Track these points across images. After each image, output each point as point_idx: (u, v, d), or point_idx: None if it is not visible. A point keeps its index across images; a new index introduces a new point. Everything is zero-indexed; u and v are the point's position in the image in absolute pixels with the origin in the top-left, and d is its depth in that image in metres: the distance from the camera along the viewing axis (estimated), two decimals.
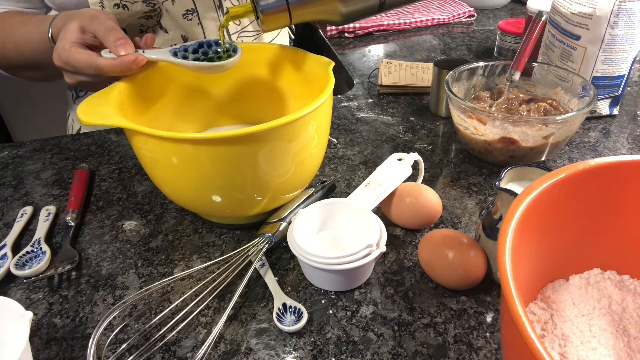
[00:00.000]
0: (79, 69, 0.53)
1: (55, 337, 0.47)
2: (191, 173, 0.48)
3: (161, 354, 0.44)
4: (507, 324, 0.32)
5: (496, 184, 0.47)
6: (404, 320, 0.47)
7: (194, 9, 0.71)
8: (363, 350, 0.44)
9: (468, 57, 1.06)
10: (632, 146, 0.73)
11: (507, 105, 0.71)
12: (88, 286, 0.52)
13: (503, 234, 0.33)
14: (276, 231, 0.53)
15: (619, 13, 0.68)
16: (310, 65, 0.59)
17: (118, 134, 0.79)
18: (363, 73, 0.98)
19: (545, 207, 0.37)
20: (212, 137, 0.46)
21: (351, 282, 0.50)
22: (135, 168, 0.70)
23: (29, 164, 0.72)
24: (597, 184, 0.40)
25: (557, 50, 0.77)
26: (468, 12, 1.25)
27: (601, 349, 0.38)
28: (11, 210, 0.63)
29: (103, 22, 0.53)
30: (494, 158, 0.67)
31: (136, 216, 0.61)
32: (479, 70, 0.75)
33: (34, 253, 0.55)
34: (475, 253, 0.48)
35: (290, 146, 0.49)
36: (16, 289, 0.52)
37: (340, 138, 0.76)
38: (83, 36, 0.54)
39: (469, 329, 0.46)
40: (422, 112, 0.83)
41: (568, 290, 0.43)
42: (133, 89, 0.55)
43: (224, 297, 0.50)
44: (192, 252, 0.56)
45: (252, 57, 0.63)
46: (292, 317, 0.46)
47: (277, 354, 0.44)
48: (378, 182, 0.56)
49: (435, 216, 0.56)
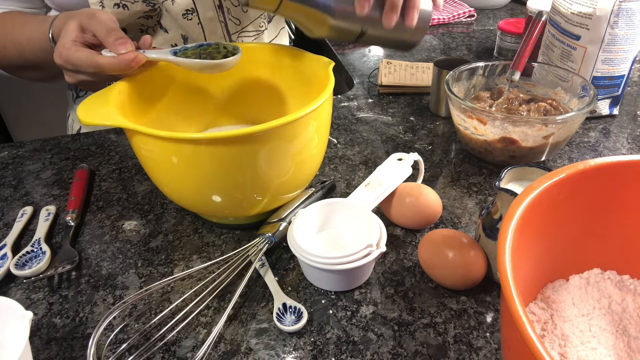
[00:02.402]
0: (79, 68, 0.53)
1: (55, 337, 0.47)
2: (191, 173, 0.48)
3: (161, 354, 0.44)
4: (507, 324, 0.32)
5: (496, 184, 0.47)
6: (404, 320, 0.47)
7: (193, 9, 0.71)
8: (363, 350, 0.44)
9: (468, 57, 1.06)
10: (632, 146, 0.73)
11: (507, 105, 0.71)
12: (88, 286, 0.52)
13: (503, 234, 0.33)
14: (276, 231, 0.53)
15: (619, 13, 0.68)
16: (310, 65, 0.59)
17: (118, 134, 0.79)
18: (363, 73, 0.98)
19: (545, 207, 0.37)
20: (212, 137, 0.46)
21: (351, 282, 0.50)
22: (135, 168, 0.70)
23: (29, 164, 0.72)
24: (597, 184, 0.40)
25: (557, 50, 0.77)
26: (468, 12, 1.25)
27: (601, 349, 0.38)
28: (11, 210, 0.63)
29: (103, 21, 0.54)
30: (494, 158, 0.67)
31: (136, 216, 0.61)
32: (479, 70, 0.75)
33: (34, 253, 0.55)
34: (475, 253, 0.48)
35: (290, 146, 0.49)
36: (16, 289, 0.52)
37: (340, 138, 0.76)
38: (83, 35, 0.54)
39: (469, 329, 0.46)
40: (422, 112, 0.83)
41: (568, 290, 0.43)
42: (133, 89, 0.55)
43: (224, 297, 0.50)
44: (192, 252, 0.56)
45: (252, 57, 0.63)
46: (292, 317, 0.46)
47: (277, 354, 0.44)
48: (378, 182, 0.56)
49: (435, 216, 0.56)
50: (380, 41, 0.57)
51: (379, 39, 0.56)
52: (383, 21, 0.52)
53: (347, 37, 0.55)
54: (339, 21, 0.52)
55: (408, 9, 0.52)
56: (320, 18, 0.52)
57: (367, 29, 0.54)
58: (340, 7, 0.51)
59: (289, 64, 0.62)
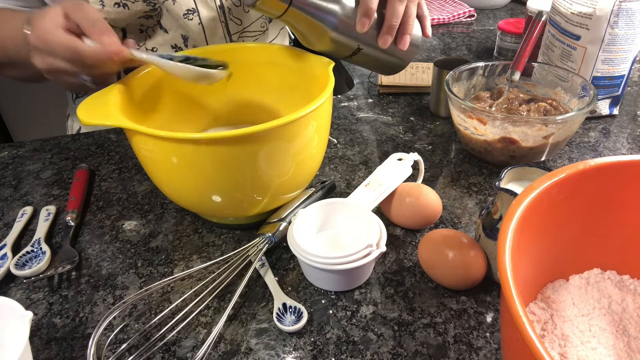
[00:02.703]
0: (56, 52, 0.50)
1: (55, 337, 0.47)
2: (191, 173, 0.48)
3: (161, 354, 0.44)
4: (507, 324, 0.32)
5: (496, 184, 0.47)
6: (404, 320, 0.47)
7: (195, 9, 0.71)
8: (363, 350, 0.44)
9: (468, 57, 1.06)
10: (632, 146, 0.73)
11: (507, 105, 0.71)
12: (88, 286, 0.52)
13: (503, 234, 0.33)
14: (276, 231, 0.53)
15: (619, 13, 0.68)
16: (310, 65, 0.59)
17: (118, 134, 0.79)
18: (363, 73, 0.98)
19: (545, 207, 0.37)
20: (212, 137, 0.46)
21: (351, 282, 0.50)
22: (135, 168, 0.70)
23: (29, 164, 0.72)
24: (597, 184, 0.40)
25: (557, 50, 0.77)
26: (468, 12, 1.25)
27: (601, 349, 0.38)
28: (11, 210, 0.63)
29: (88, 12, 0.51)
30: (494, 158, 0.67)
31: (136, 216, 0.61)
32: (479, 70, 0.75)
33: (34, 253, 0.55)
34: (475, 253, 0.48)
35: (290, 146, 0.49)
36: (16, 289, 0.52)
37: (340, 138, 0.76)
38: (66, 22, 0.51)
39: (469, 329, 0.46)
40: (422, 112, 0.83)
41: (568, 290, 0.43)
42: (133, 89, 0.55)
43: (224, 297, 0.50)
44: (192, 252, 0.56)
45: (253, 57, 0.63)
46: (292, 317, 0.46)
47: (277, 354, 0.44)
48: (378, 182, 0.56)
49: (435, 216, 0.56)
50: (372, 60, 0.61)
51: (371, 57, 0.60)
52: (379, 41, 0.57)
53: (343, 52, 0.58)
54: (338, 35, 0.55)
55: (401, 34, 0.57)
56: (322, 30, 0.54)
57: (362, 46, 0.58)
58: (342, 21, 0.54)
59: (289, 64, 0.62)
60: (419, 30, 0.62)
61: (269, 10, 0.53)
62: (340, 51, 0.58)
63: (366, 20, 0.53)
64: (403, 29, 0.57)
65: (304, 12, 0.53)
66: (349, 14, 0.54)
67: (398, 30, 0.57)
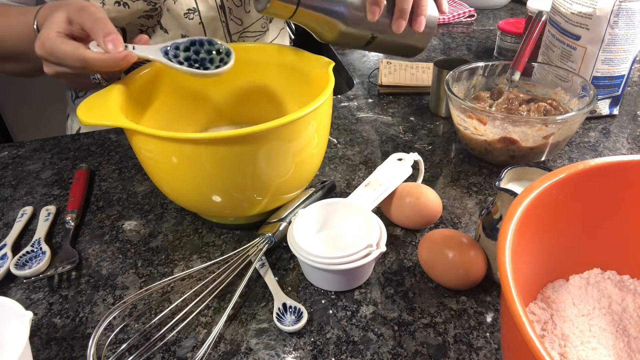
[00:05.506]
0: (63, 60, 0.51)
1: (55, 337, 0.47)
2: (191, 173, 0.48)
3: (161, 354, 0.44)
4: (507, 324, 0.32)
5: (496, 184, 0.47)
6: (404, 320, 0.47)
7: (195, 9, 0.71)
8: (363, 350, 0.44)
9: (468, 57, 1.06)
10: (632, 146, 0.73)
11: (507, 105, 0.71)
12: (88, 286, 0.52)
13: (503, 234, 0.33)
14: (276, 231, 0.53)
15: (619, 13, 0.68)
16: (310, 65, 0.59)
17: (118, 134, 0.79)
18: (363, 73, 0.98)
19: (545, 207, 0.37)
20: (212, 137, 0.46)
21: (351, 282, 0.50)
22: (135, 168, 0.70)
23: (29, 164, 0.72)
24: (597, 184, 0.40)
25: (557, 50, 0.77)
26: (468, 12, 1.25)
27: (601, 349, 0.38)
28: (11, 210, 0.63)
29: (92, 13, 0.51)
30: (494, 158, 0.67)
31: (136, 216, 0.61)
32: (479, 70, 0.75)
33: (34, 253, 0.55)
34: (475, 253, 0.48)
35: (290, 146, 0.49)
36: (16, 289, 0.52)
37: (340, 138, 0.76)
38: (70, 27, 0.52)
39: (469, 329, 0.46)
40: (422, 112, 0.83)
41: (568, 290, 0.43)
42: (133, 89, 0.55)
43: (224, 297, 0.50)
44: (192, 252, 0.56)
45: (253, 57, 0.63)
46: (292, 317, 0.46)
47: (277, 354, 0.44)
48: (378, 182, 0.56)
49: (435, 216, 0.56)
50: (389, 46, 0.60)
51: (387, 44, 0.58)
52: (392, 27, 0.55)
53: (358, 42, 0.57)
54: (350, 27, 0.54)
55: (416, 16, 0.56)
56: (333, 24, 0.54)
57: (377, 34, 0.56)
58: (352, 13, 0.53)
59: (289, 64, 0.62)
60: (434, 10, 0.60)
61: (279, 13, 0.52)
62: (354, 42, 0.57)
63: (376, 9, 0.52)
64: (417, 11, 0.56)
65: (313, 10, 0.52)
66: (358, 5, 0.53)
67: (412, 13, 0.55)
